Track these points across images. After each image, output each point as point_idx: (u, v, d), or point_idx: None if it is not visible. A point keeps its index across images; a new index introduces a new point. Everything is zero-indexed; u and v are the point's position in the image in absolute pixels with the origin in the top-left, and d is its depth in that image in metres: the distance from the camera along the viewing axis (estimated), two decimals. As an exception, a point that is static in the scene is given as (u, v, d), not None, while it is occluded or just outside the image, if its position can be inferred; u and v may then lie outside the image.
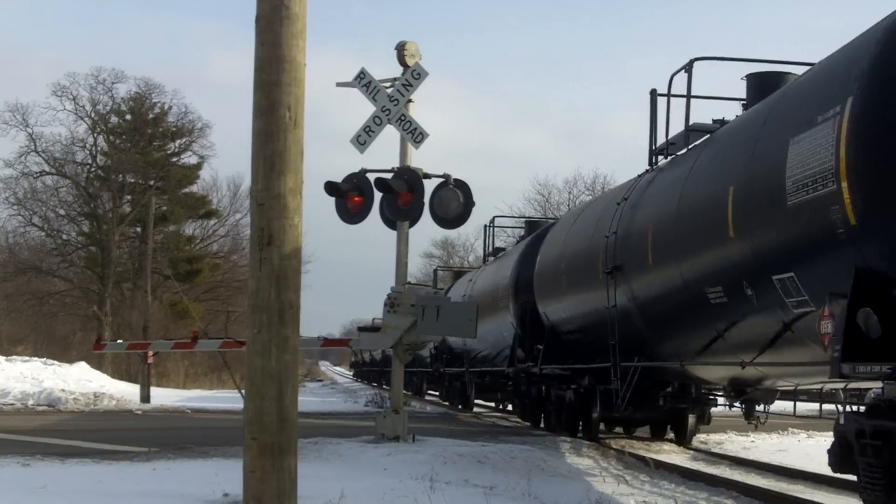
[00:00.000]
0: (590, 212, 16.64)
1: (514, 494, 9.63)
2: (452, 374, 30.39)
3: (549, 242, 18.60)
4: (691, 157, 11.60)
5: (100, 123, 53.05)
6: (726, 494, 10.61)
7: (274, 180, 6.43)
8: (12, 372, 28.99)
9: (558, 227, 19.13)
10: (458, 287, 30.58)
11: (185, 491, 8.82)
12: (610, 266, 13.33)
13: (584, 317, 15.65)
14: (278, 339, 6.37)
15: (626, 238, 12.99)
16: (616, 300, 13.33)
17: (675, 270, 11.05)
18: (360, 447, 13.23)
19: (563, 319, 16.95)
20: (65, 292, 53.07)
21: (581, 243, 15.70)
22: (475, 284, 26.40)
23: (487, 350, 24.64)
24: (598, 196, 17.45)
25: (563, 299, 16.61)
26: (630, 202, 13.35)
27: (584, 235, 15.58)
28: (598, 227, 14.69)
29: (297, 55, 6.48)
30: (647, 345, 13.06)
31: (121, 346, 23.85)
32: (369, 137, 14.68)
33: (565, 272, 16.38)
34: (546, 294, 17.90)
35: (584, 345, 16.34)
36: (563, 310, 16.78)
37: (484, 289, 24.57)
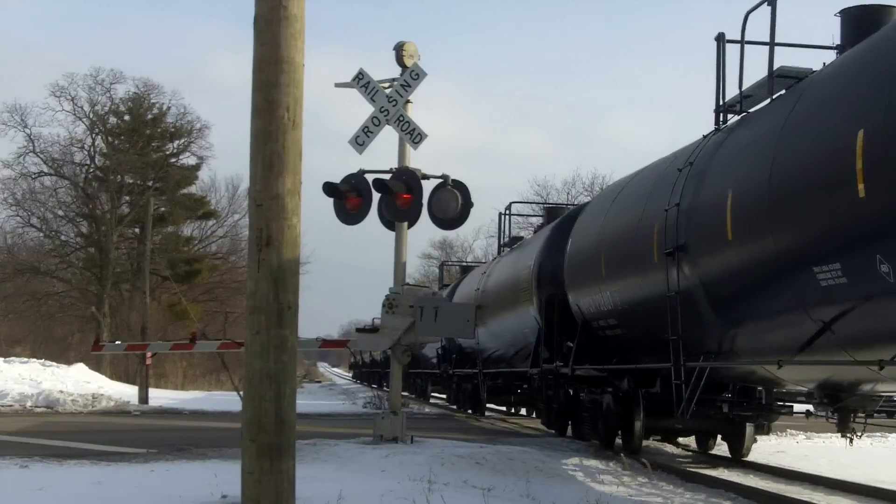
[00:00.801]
0: (638, 185, 14.23)
1: (512, 495, 9.63)
2: (462, 375, 28.34)
3: (584, 224, 16.27)
4: (782, 109, 9.59)
5: (98, 124, 53.04)
6: (725, 496, 10.60)
7: (272, 181, 6.41)
8: (11, 373, 28.97)
9: (594, 206, 16.74)
10: (468, 281, 28.64)
11: (183, 492, 8.81)
12: (671, 246, 11.29)
13: (630, 308, 13.48)
14: (277, 341, 6.36)
15: (693, 211, 10.93)
16: (679, 286, 11.16)
17: (766, 246, 9.08)
18: (358, 448, 13.22)
19: (602, 312, 14.62)
20: (63, 293, 53.04)
21: (627, 222, 13.49)
22: (489, 278, 24.32)
23: (503, 349, 22.91)
24: (647, 167, 14.51)
25: (601, 289, 14.35)
26: (697, 168, 11.21)
27: (632, 212, 13.41)
28: (650, 202, 12.65)
29: (295, 56, 6.47)
30: (715, 340, 10.97)
31: (119, 347, 23.80)
32: (368, 138, 14.66)
33: (606, 257, 14.15)
34: (580, 283, 15.64)
35: (626, 341, 14.29)
36: (601, 301, 14.48)
37: (500, 281, 22.58)
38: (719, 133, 11.37)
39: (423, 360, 34.23)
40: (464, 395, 28.69)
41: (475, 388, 26.57)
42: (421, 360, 34.24)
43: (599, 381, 15.47)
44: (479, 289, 24.64)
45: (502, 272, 22.79)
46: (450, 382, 30.95)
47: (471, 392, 27.46)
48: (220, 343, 17.19)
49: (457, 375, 28.83)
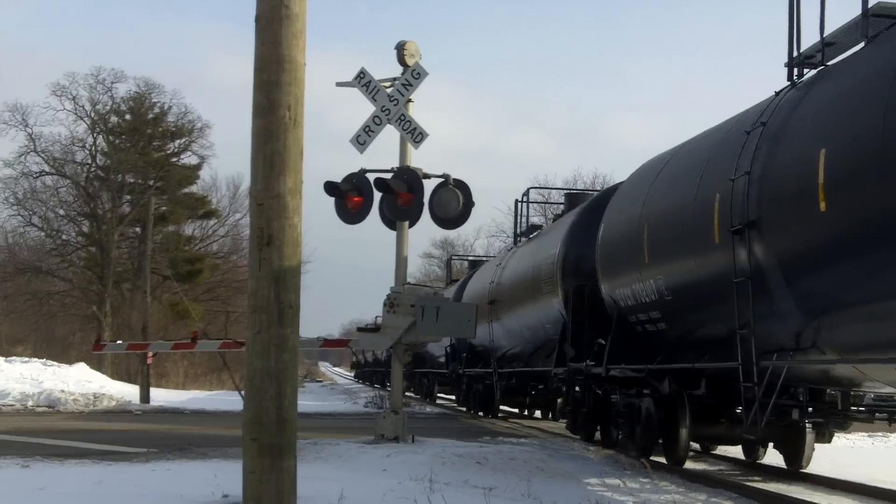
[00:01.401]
0: (687, 156, 12.38)
1: (513, 495, 9.62)
2: (474, 375, 26.52)
3: (619, 206, 14.45)
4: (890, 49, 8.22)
5: (99, 123, 53.00)
6: (725, 496, 10.59)
7: (273, 180, 6.42)
8: (12, 373, 28.97)
9: (631, 185, 14.64)
10: (481, 275, 26.80)
11: (184, 492, 8.81)
12: (739, 222, 9.69)
13: (679, 299, 11.73)
14: (278, 340, 6.36)
15: (768, 179, 9.31)
16: (750, 269, 9.51)
17: (878, 213, 7.52)
18: (359, 448, 13.21)
19: (643, 304, 12.88)
20: (64, 292, 53.01)
21: (678, 199, 11.73)
22: (504, 270, 22.61)
23: (520, 347, 21.19)
24: (695, 137, 12.79)
25: (643, 277, 12.60)
26: (770, 130, 9.57)
27: (683, 187, 11.60)
28: (708, 173, 10.90)
29: (296, 55, 6.47)
30: (791, 333, 9.32)
31: (120, 346, 23.82)
32: (369, 137, 14.66)
33: (651, 240, 12.40)
34: (615, 272, 13.93)
35: (671, 337, 12.55)
36: (642, 291, 12.75)
37: (518, 273, 20.75)
38: (795, 89, 9.79)
39: (430, 360, 33.30)
40: (475, 396, 27.06)
41: (487, 389, 25.13)
42: (427, 360, 33.42)
43: (635, 383, 13.78)
44: (494, 282, 23.13)
45: (520, 263, 21.07)
46: (459, 383, 29.39)
47: (482, 393, 25.99)
48: (222, 342, 17.19)
49: (467, 375, 27.30)
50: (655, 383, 12.95)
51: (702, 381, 12.08)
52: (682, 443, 12.53)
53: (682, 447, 12.56)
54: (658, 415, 12.91)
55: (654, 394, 13.00)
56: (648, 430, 13.29)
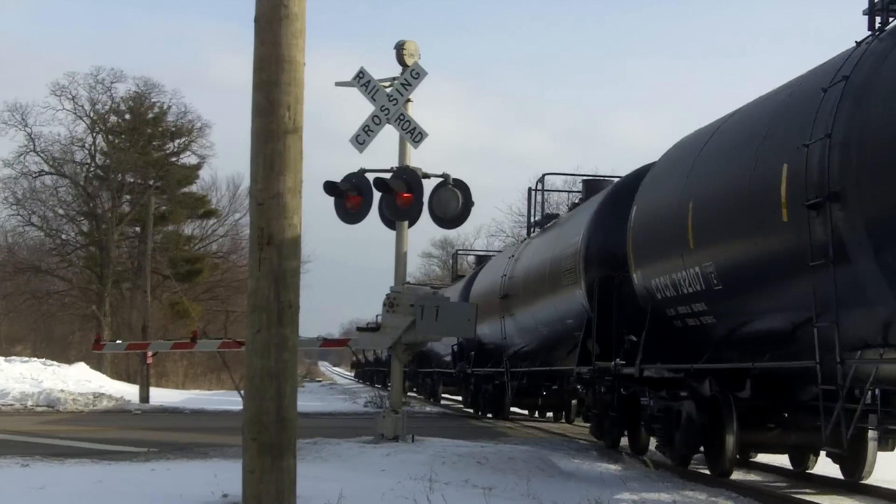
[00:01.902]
0: (740, 125, 10.81)
1: (513, 495, 9.62)
2: (483, 375, 24.94)
3: (655, 186, 12.95)
4: None
5: (99, 123, 53.01)
6: (725, 495, 10.58)
7: (273, 180, 6.42)
8: (11, 372, 29.00)
9: (668, 163, 13.10)
10: (491, 268, 25.39)
11: (184, 491, 8.81)
12: (816, 195, 8.34)
13: (733, 286, 10.22)
14: (277, 339, 6.37)
15: (855, 144, 8.01)
16: (832, 250, 8.11)
17: None
18: (359, 447, 13.21)
19: (685, 295, 11.36)
20: (64, 292, 53.03)
21: (731, 170, 10.27)
22: (518, 262, 21.13)
23: (536, 344, 19.86)
24: (749, 103, 11.26)
25: (686, 264, 11.05)
26: (855, 85, 8.25)
27: (738, 156, 10.13)
28: (772, 139, 9.41)
29: (296, 55, 6.48)
30: (880, 326, 8.08)
31: (120, 346, 23.83)
32: (368, 137, 14.66)
33: (697, 222, 10.83)
34: (651, 260, 12.49)
35: (718, 332, 11.10)
36: (684, 280, 11.20)
37: (534, 265, 19.38)
38: (879, 40, 8.55)
39: (435, 359, 32.25)
40: (485, 397, 25.30)
41: (497, 389, 23.69)
42: (432, 359, 32.49)
43: (671, 384, 12.51)
44: (506, 275, 21.71)
45: (536, 255, 19.63)
46: (466, 383, 27.72)
47: (492, 393, 24.40)
48: (221, 342, 17.17)
49: (475, 375, 25.79)
50: (695, 384, 11.71)
51: (746, 381, 10.91)
52: (728, 451, 11.04)
53: (728, 456, 11.08)
54: (701, 420, 11.53)
55: (695, 396, 11.69)
56: (689, 436, 11.90)
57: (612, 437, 15.36)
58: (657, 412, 12.82)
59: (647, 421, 13.31)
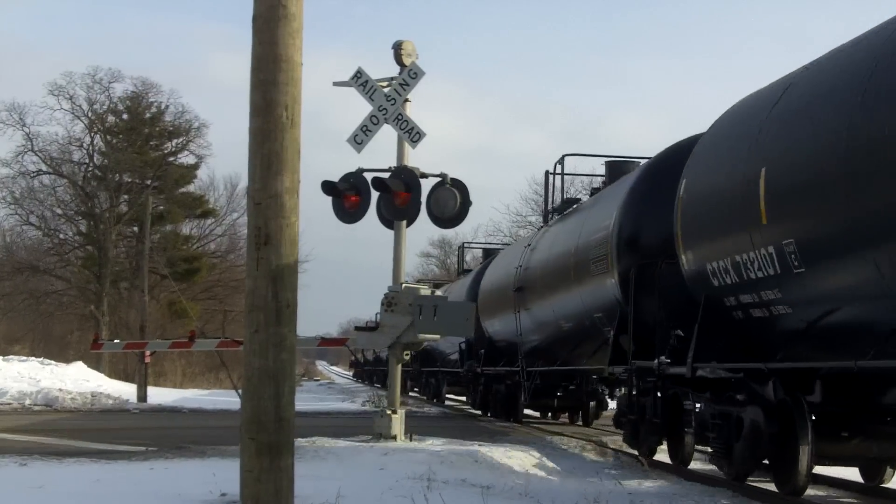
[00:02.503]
0: (830, 70, 8.96)
1: (511, 494, 9.63)
2: (493, 374, 23.31)
3: (711, 152, 11.05)
4: None
5: (97, 123, 53.01)
6: (723, 494, 10.59)
7: (271, 180, 6.43)
8: (9, 371, 28.99)
9: (728, 125, 11.05)
10: (503, 259, 23.68)
11: (182, 491, 8.82)
12: None
13: (824, 268, 8.41)
14: (275, 339, 6.37)
15: None
16: None
17: None
18: (357, 447, 13.23)
19: (752, 281, 9.56)
20: (62, 292, 53.04)
21: (818, 129, 8.51)
22: (535, 252, 19.37)
23: (556, 340, 18.16)
24: (841, 46, 9.01)
25: (756, 243, 9.23)
26: None
27: (832, 111, 8.33)
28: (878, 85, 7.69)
29: (294, 54, 6.48)
30: None
31: (118, 345, 23.85)
32: (366, 137, 14.68)
33: (772, 190, 8.98)
34: (706, 239, 10.65)
35: (797, 324, 9.32)
36: (753, 263, 9.36)
37: (554, 254, 17.57)
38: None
39: (440, 358, 30.74)
40: (496, 399, 23.47)
41: (510, 390, 21.96)
42: (437, 358, 31.05)
43: (724, 386, 10.96)
44: (521, 266, 19.98)
45: (556, 243, 17.90)
46: (475, 383, 25.70)
47: (504, 394, 22.51)
48: (219, 341, 17.23)
49: (486, 374, 23.95)
50: (757, 387, 10.15)
51: (815, 383, 9.65)
52: (802, 465, 9.38)
53: (802, 471, 9.40)
54: (769, 429, 9.74)
55: (760, 401, 10.02)
56: (753, 447, 10.12)
57: (648, 446, 13.43)
58: (711, 419, 10.99)
59: (698, 428, 11.45)
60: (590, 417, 21.74)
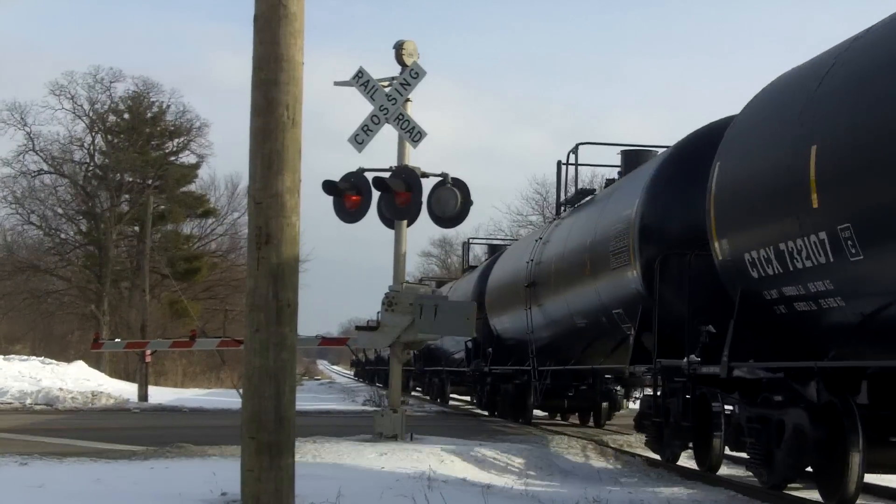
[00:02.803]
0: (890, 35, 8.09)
1: (511, 493, 9.64)
2: (502, 374, 22.57)
3: (749, 133, 10.14)
4: None
5: (98, 122, 53.01)
6: (724, 493, 10.59)
7: (272, 179, 6.44)
8: (10, 371, 29.00)
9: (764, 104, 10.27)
10: (512, 254, 22.96)
11: (182, 490, 8.82)
12: None
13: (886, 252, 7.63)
14: (276, 338, 6.38)
15: None
16: None
17: None
18: (357, 446, 13.22)
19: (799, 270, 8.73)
20: (63, 291, 53.04)
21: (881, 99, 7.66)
22: (548, 245, 18.65)
23: (569, 338, 17.50)
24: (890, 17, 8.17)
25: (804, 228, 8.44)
26: None
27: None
28: None
29: (295, 54, 6.49)
30: None
31: (119, 344, 23.88)
32: (367, 136, 14.68)
33: (822, 170, 8.23)
34: (745, 226, 9.78)
35: (851, 318, 8.45)
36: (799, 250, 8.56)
37: (570, 247, 16.81)
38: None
39: (444, 357, 30.18)
40: (504, 399, 22.66)
41: (518, 390, 21.25)
42: (441, 357, 30.58)
43: (760, 387, 10.08)
44: (533, 260, 19.19)
45: (571, 235, 17.08)
46: (482, 383, 25.05)
47: (513, 394, 21.77)
48: (220, 341, 17.22)
49: (493, 374, 23.22)
50: (798, 387, 9.37)
51: (862, 384, 8.90)
52: (853, 474, 8.57)
53: (853, 480, 8.57)
54: (815, 434, 8.93)
55: (804, 403, 9.24)
56: (798, 454, 9.28)
57: (673, 451, 12.66)
58: (748, 422, 10.11)
59: (733, 433, 10.60)
60: (602, 418, 21.15)
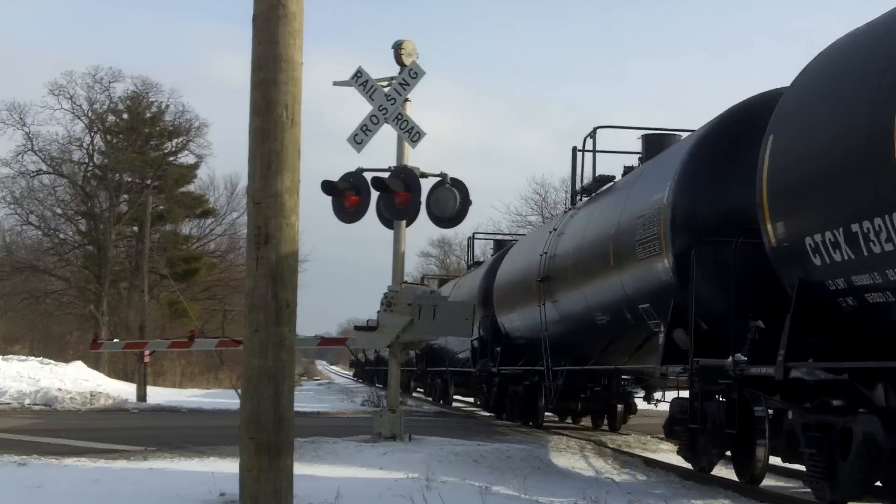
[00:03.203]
0: None
1: (510, 493, 9.63)
2: (511, 374, 21.36)
3: (811, 101, 8.93)
4: None
5: (97, 122, 52.97)
6: (722, 494, 10.60)
7: (271, 179, 6.43)
8: (9, 371, 28.97)
9: (828, 65, 8.94)
10: (524, 247, 21.81)
11: (181, 490, 8.82)
12: None
13: None
14: (275, 338, 6.37)
15: None
16: None
17: None
18: (356, 446, 13.22)
19: (873, 257, 7.57)
20: (61, 291, 53.01)
21: None
22: (563, 237, 17.46)
23: (588, 336, 16.28)
24: None
25: (883, 206, 7.30)
26: None
27: None
28: None
29: (294, 54, 6.48)
30: None
31: (117, 345, 23.84)
32: (366, 136, 14.67)
33: None
34: (807, 207, 8.56)
35: None
36: (873, 235, 7.47)
37: (589, 237, 15.58)
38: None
39: (448, 357, 29.05)
40: (512, 401, 21.55)
41: (528, 391, 20.15)
42: (444, 357, 29.57)
43: (820, 391, 8.87)
44: (546, 253, 17.94)
45: (590, 225, 15.86)
46: (489, 384, 24.14)
47: (523, 396, 20.55)
48: (219, 341, 17.20)
49: (502, 374, 22.13)
50: (865, 390, 8.31)
51: None
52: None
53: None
54: (889, 444, 7.95)
55: (871, 408, 8.28)
56: (866, 467, 8.22)
57: (710, 460, 11.60)
58: (805, 430, 9.02)
59: (785, 442, 9.57)
60: (617, 422, 20.21)
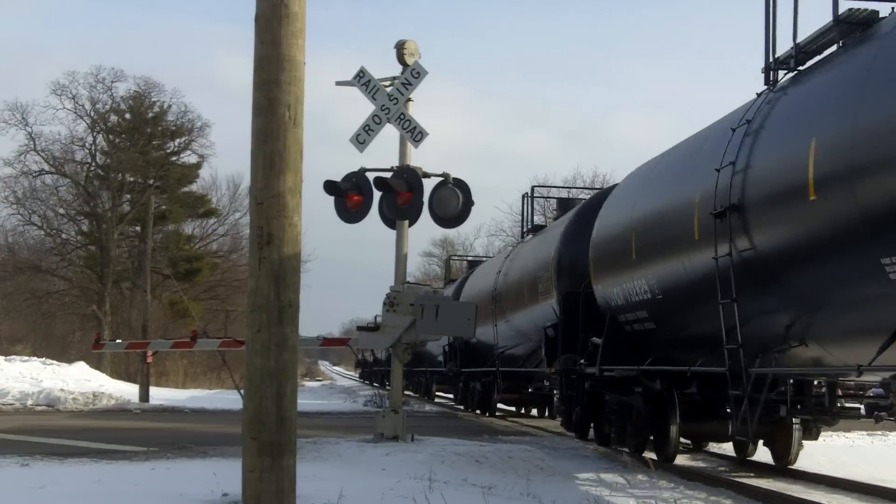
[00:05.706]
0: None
1: (512, 494, 9.62)
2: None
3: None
4: None
5: (99, 122, 52.99)
6: (725, 494, 10.59)
7: (273, 179, 6.42)
8: (11, 372, 29.00)
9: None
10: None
11: (184, 490, 8.81)
12: None
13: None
14: (278, 339, 6.37)
15: None
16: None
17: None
18: (358, 447, 13.22)
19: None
20: (64, 291, 53.02)
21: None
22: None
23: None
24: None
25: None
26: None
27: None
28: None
29: (296, 54, 6.48)
30: None
31: (120, 345, 23.86)
32: (369, 136, 14.66)
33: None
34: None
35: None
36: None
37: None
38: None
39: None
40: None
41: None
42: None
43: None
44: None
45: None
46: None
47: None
48: (221, 341, 17.21)
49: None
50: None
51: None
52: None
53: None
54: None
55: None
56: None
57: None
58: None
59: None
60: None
